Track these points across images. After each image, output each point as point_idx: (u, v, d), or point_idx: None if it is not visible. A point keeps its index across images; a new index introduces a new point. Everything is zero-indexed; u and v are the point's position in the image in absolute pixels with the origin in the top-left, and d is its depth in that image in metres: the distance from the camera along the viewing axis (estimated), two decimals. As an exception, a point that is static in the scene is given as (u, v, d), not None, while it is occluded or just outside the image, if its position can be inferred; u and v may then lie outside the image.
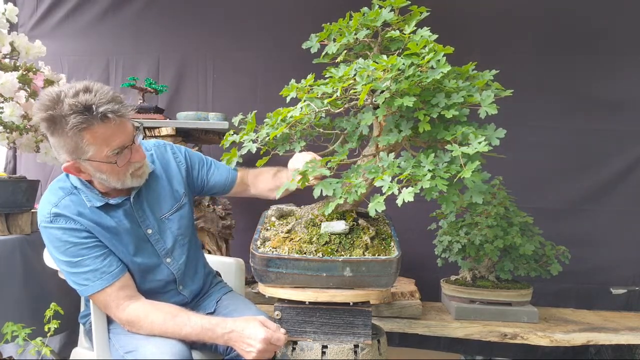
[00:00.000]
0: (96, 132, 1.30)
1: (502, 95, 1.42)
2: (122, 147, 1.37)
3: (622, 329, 2.11)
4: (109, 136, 1.33)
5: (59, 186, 1.45)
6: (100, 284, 1.39)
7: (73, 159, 1.35)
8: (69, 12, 3.01)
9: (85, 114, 1.28)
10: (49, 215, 1.39)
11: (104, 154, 1.34)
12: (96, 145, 1.32)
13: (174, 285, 1.58)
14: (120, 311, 1.41)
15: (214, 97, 2.94)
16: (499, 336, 2.04)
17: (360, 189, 1.38)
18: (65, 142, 1.31)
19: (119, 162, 1.37)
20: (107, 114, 1.29)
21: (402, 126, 1.40)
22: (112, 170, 1.38)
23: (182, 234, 1.59)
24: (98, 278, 1.39)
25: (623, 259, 2.61)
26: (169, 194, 1.58)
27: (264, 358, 1.37)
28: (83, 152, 1.33)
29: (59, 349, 2.37)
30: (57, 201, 1.41)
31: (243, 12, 2.91)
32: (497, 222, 2.13)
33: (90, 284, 1.39)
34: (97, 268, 1.40)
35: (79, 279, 1.41)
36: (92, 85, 1.32)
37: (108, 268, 1.41)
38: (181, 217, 1.60)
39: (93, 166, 1.37)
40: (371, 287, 1.41)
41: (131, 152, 1.39)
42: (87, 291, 1.41)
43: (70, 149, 1.33)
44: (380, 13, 1.46)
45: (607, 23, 2.65)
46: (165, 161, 1.61)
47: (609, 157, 2.65)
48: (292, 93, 1.48)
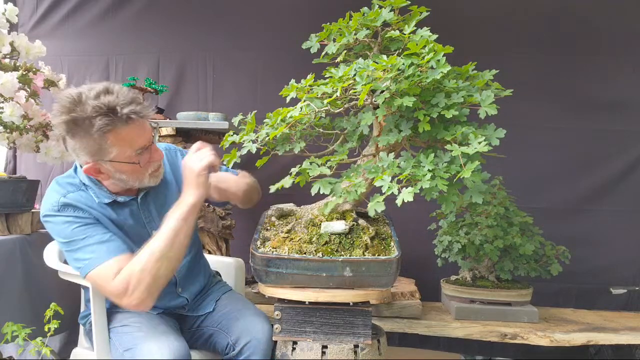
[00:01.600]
0: (120, 133, 1.31)
1: (502, 95, 1.43)
2: (144, 148, 1.38)
3: (622, 329, 2.11)
4: (132, 137, 1.34)
5: (68, 181, 1.45)
6: (107, 255, 1.34)
7: (94, 160, 1.35)
8: (69, 12, 3.01)
9: (110, 116, 1.28)
10: (57, 204, 1.38)
11: (127, 154, 1.35)
12: (120, 146, 1.33)
13: (173, 287, 1.58)
14: (113, 284, 1.32)
15: (214, 97, 2.94)
16: (499, 336, 2.04)
17: (360, 189, 1.38)
18: (88, 144, 1.31)
19: (142, 162, 1.38)
20: (131, 115, 1.30)
21: (402, 126, 1.40)
22: (133, 170, 1.39)
23: None
24: (105, 249, 1.35)
25: (623, 259, 2.61)
26: (176, 198, 1.57)
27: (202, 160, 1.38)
28: (106, 153, 1.33)
29: (59, 349, 2.37)
30: (66, 193, 1.41)
31: (243, 12, 2.91)
32: (497, 222, 2.13)
33: (96, 255, 1.34)
34: (104, 240, 1.37)
35: (84, 254, 1.35)
36: (112, 87, 1.32)
37: (116, 242, 1.39)
38: None
39: (114, 167, 1.37)
40: (371, 287, 1.42)
41: (150, 152, 1.41)
42: (93, 263, 1.33)
43: (92, 151, 1.33)
44: (380, 13, 1.46)
45: (607, 23, 2.64)
46: (175, 166, 1.62)
47: (609, 157, 2.65)
48: (292, 93, 1.48)
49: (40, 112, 1.96)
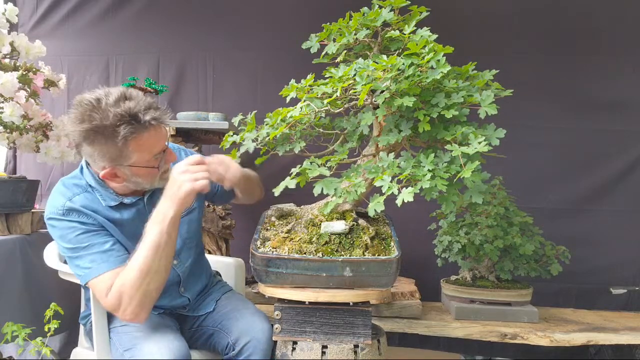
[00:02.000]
0: (141, 139, 1.31)
1: (502, 95, 1.43)
2: (162, 152, 1.39)
3: (622, 329, 2.11)
4: (152, 142, 1.34)
5: (74, 183, 1.44)
6: (106, 266, 1.34)
7: (112, 165, 1.35)
8: (69, 12, 3.01)
9: (133, 123, 1.28)
10: (62, 208, 1.38)
11: (146, 159, 1.35)
12: (140, 151, 1.33)
13: (177, 287, 1.58)
14: (107, 297, 1.33)
15: (214, 97, 2.94)
16: (499, 336, 2.04)
17: (360, 189, 1.38)
18: (109, 150, 1.31)
19: (161, 166, 1.39)
20: (152, 122, 1.30)
21: (402, 126, 1.40)
22: (149, 173, 1.39)
23: (190, 238, 1.60)
24: (105, 260, 1.35)
25: (623, 259, 2.61)
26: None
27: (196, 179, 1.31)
28: (126, 159, 1.33)
29: (59, 349, 2.37)
30: (71, 196, 1.40)
31: (243, 12, 2.91)
32: (497, 222, 2.13)
33: (96, 266, 1.34)
34: (106, 250, 1.37)
35: (84, 262, 1.35)
36: (129, 92, 1.31)
37: (117, 252, 1.38)
38: (190, 220, 1.60)
39: (132, 171, 1.37)
40: (371, 287, 1.42)
41: (165, 154, 1.41)
42: (92, 273, 1.34)
43: (112, 157, 1.32)
44: (380, 13, 1.46)
45: (607, 23, 2.64)
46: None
47: (609, 157, 2.65)
48: (292, 93, 1.48)
49: (40, 112, 1.96)
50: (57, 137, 1.98)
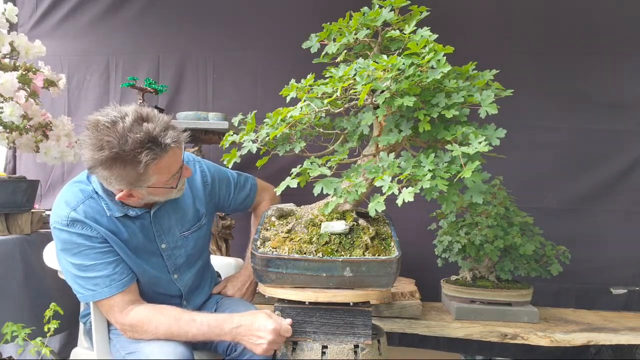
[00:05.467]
0: (161, 162, 1.29)
1: (502, 95, 1.42)
2: (179, 171, 1.37)
3: (622, 329, 2.11)
4: (171, 164, 1.33)
5: (80, 188, 1.42)
6: (109, 291, 1.37)
7: (130, 188, 1.33)
8: (69, 12, 3.01)
9: (153, 148, 1.25)
10: (66, 219, 1.36)
11: (164, 180, 1.34)
12: (159, 174, 1.31)
13: (179, 300, 1.58)
14: (123, 316, 1.39)
15: (214, 97, 2.94)
16: (499, 336, 2.04)
17: (361, 189, 1.38)
18: (128, 175, 1.28)
19: (178, 184, 1.38)
20: (172, 145, 1.28)
21: (402, 126, 1.40)
22: (166, 192, 1.39)
23: (195, 254, 1.59)
24: (107, 285, 1.37)
25: (623, 259, 2.61)
26: (191, 213, 1.56)
27: (273, 349, 1.36)
28: (145, 181, 1.31)
29: (59, 349, 2.37)
30: (76, 205, 1.38)
31: (243, 12, 2.90)
32: (497, 222, 2.12)
33: (99, 290, 1.37)
34: (108, 275, 1.37)
35: (87, 284, 1.37)
36: (146, 113, 1.28)
37: (119, 276, 1.39)
38: (198, 237, 1.59)
39: (149, 192, 1.36)
40: (371, 287, 1.41)
41: (181, 171, 1.40)
42: (94, 297, 1.38)
43: (131, 181, 1.30)
44: (380, 13, 1.46)
45: (607, 23, 2.64)
46: (191, 179, 1.59)
47: (609, 157, 2.64)
48: (292, 93, 1.48)
49: (40, 112, 1.96)
50: (57, 137, 1.98)
